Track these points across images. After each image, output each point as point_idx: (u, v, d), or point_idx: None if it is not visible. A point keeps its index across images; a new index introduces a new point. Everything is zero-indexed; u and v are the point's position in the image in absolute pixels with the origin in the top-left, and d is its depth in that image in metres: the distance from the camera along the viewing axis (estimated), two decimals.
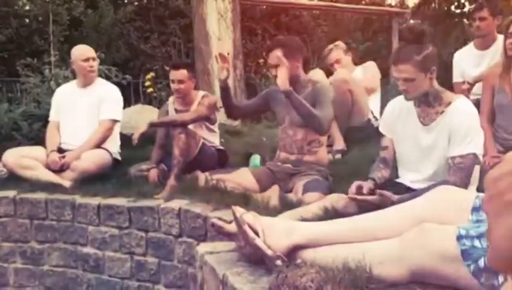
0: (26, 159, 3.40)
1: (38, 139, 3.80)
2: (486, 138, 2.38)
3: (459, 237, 1.25)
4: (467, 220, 1.34)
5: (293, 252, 1.52)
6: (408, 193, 2.05)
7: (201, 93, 3.51)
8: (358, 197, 2.07)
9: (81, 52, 3.60)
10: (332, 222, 1.60)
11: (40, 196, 3.25)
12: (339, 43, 3.97)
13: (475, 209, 1.36)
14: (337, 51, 3.84)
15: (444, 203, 1.43)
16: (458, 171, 2.02)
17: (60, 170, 3.38)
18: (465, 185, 1.99)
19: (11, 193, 3.30)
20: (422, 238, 1.28)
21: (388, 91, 4.29)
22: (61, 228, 3.21)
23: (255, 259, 1.57)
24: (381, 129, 2.36)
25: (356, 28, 9.15)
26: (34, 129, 4.04)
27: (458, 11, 7.17)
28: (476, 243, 1.23)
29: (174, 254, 2.84)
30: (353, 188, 2.13)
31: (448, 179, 2.00)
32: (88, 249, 3.14)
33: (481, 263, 1.20)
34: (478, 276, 1.21)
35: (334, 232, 1.53)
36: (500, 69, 2.81)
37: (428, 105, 2.11)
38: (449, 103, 2.08)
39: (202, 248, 1.82)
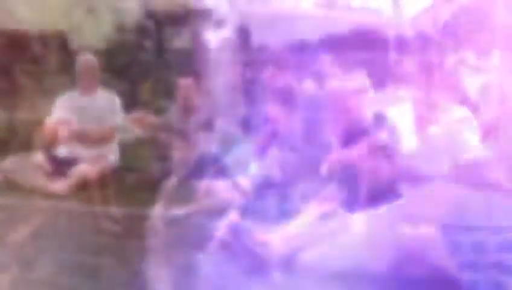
0: (22, 165, 3.38)
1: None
2: None
3: None
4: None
5: (292, 255, 1.51)
6: None
7: (202, 101, 3.54)
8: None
9: (81, 59, 3.70)
10: (327, 226, 1.60)
11: (36, 202, 3.22)
12: None
13: None
14: None
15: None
16: (472, 176, 2.01)
17: (56, 176, 3.37)
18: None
19: (6, 200, 3.28)
20: None
21: None
22: (56, 236, 3.18)
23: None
24: None
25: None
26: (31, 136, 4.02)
27: None
28: None
29: (172, 262, 2.81)
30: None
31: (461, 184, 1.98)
32: (84, 258, 3.11)
33: None
34: None
35: (328, 235, 1.53)
36: None
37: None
38: (444, 110, 2.10)
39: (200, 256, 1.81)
